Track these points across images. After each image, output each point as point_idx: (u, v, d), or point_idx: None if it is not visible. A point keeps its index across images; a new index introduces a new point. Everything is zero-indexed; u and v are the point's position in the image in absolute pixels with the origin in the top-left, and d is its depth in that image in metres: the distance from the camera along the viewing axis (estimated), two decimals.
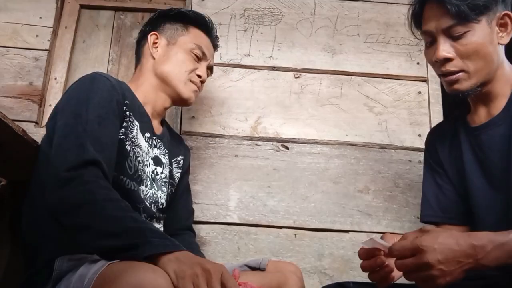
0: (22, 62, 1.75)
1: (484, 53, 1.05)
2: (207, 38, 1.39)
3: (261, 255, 1.50)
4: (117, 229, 0.90)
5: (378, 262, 0.94)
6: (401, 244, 0.86)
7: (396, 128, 1.67)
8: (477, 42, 1.04)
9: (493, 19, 1.06)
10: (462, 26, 1.04)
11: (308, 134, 1.64)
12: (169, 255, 0.86)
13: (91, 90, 1.11)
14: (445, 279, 0.83)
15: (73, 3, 1.86)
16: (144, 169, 1.20)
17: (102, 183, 0.98)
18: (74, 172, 0.96)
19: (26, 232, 1.10)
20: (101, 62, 1.82)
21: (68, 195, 0.94)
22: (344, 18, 1.77)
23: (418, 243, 0.83)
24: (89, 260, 0.97)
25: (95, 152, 1.00)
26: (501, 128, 1.08)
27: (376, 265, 0.94)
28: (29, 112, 1.70)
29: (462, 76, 1.07)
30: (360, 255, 0.96)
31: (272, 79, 1.70)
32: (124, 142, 1.14)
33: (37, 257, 1.06)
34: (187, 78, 1.32)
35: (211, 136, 1.63)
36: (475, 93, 1.09)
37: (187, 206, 1.43)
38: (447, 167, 1.21)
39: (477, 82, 1.07)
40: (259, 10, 1.76)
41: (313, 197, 1.58)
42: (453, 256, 0.82)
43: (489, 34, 1.05)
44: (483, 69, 1.06)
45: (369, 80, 1.71)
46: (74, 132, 1.03)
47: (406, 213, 1.59)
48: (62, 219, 0.95)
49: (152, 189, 1.23)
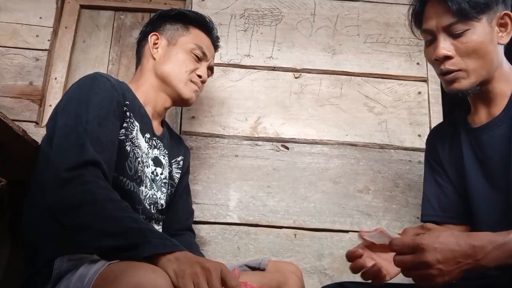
0: (22, 62, 1.75)
1: (484, 52, 1.05)
2: (208, 38, 1.39)
3: (261, 255, 1.50)
4: (117, 229, 0.90)
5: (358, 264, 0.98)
6: (401, 240, 0.87)
7: (396, 128, 1.67)
8: (477, 41, 1.04)
9: (493, 18, 1.06)
10: (462, 24, 1.04)
11: (308, 134, 1.65)
12: (169, 255, 0.86)
13: (92, 90, 1.11)
14: (443, 278, 0.83)
15: (73, 3, 1.86)
16: (144, 170, 1.20)
17: (102, 184, 0.98)
18: (74, 172, 0.96)
19: (26, 232, 1.10)
20: (101, 62, 1.82)
21: (68, 195, 0.94)
22: (344, 18, 1.77)
23: (419, 241, 0.83)
24: (89, 260, 0.97)
25: (95, 152, 1.00)
26: (501, 128, 1.08)
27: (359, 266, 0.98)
28: (29, 112, 1.70)
29: (461, 75, 1.07)
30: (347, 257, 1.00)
31: (272, 79, 1.70)
32: (124, 143, 1.14)
33: (37, 257, 1.06)
34: (188, 78, 1.32)
35: (211, 136, 1.63)
36: (474, 92, 1.09)
37: (187, 207, 1.43)
38: (448, 167, 1.21)
39: (476, 81, 1.07)
40: (259, 10, 1.76)
41: (313, 197, 1.58)
42: (452, 256, 0.82)
43: (489, 33, 1.05)
44: (482, 68, 1.06)
45: (369, 80, 1.71)
46: (74, 132, 1.03)
47: (406, 213, 1.59)
48: (62, 219, 0.95)
49: (152, 189, 1.23)
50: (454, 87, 1.08)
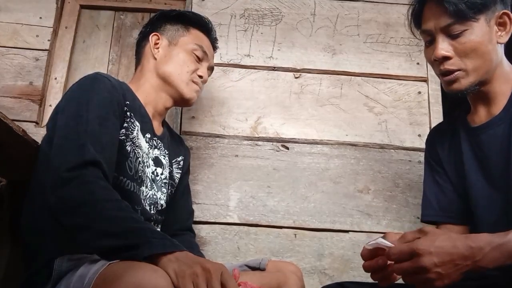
0: (22, 62, 1.75)
1: (483, 51, 1.05)
2: (207, 39, 1.40)
3: (261, 255, 1.50)
4: (117, 229, 0.90)
5: (380, 263, 0.93)
6: (398, 248, 0.86)
7: (396, 128, 1.67)
8: (475, 41, 1.05)
9: (492, 18, 1.06)
10: (460, 25, 1.05)
11: (308, 134, 1.65)
12: (169, 255, 0.86)
13: (92, 90, 1.11)
14: (442, 281, 0.83)
15: (73, 3, 1.86)
16: (144, 170, 1.20)
17: (102, 184, 0.98)
18: (75, 172, 0.96)
19: (26, 232, 1.10)
20: (101, 62, 1.82)
21: (68, 195, 0.94)
22: (344, 18, 1.77)
23: (415, 247, 0.83)
24: (89, 260, 0.97)
25: (95, 152, 1.00)
26: (501, 127, 1.08)
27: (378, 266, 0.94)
28: (29, 112, 1.70)
29: (460, 74, 1.07)
30: (363, 256, 0.96)
31: (272, 79, 1.70)
32: (125, 143, 1.14)
33: (37, 257, 1.05)
34: (189, 79, 1.32)
35: (211, 136, 1.63)
36: (474, 92, 1.09)
37: (187, 207, 1.43)
38: (447, 167, 1.22)
39: (475, 80, 1.07)
40: (259, 10, 1.76)
41: (313, 197, 1.58)
42: (450, 259, 0.82)
43: (488, 33, 1.05)
44: (481, 68, 1.06)
45: (369, 80, 1.71)
46: (74, 133, 1.03)
47: (406, 213, 1.59)
48: (62, 219, 0.95)
49: (152, 190, 1.23)
50: (454, 87, 1.09)
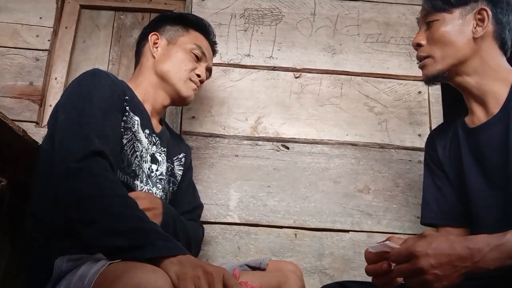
0: (22, 62, 1.75)
1: (449, 40, 1.12)
2: (206, 41, 1.41)
3: (261, 255, 1.50)
4: (122, 228, 0.90)
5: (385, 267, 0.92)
6: (396, 250, 0.87)
7: (396, 128, 1.67)
8: (443, 30, 1.13)
9: (469, 12, 1.12)
10: (433, 15, 1.14)
11: (308, 134, 1.64)
12: (172, 258, 0.86)
13: (93, 85, 1.12)
14: (441, 283, 0.83)
15: (73, 3, 1.86)
16: (141, 165, 1.20)
17: (110, 177, 0.98)
18: (82, 163, 0.96)
19: (26, 232, 1.10)
20: (101, 62, 1.82)
21: (76, 188, 0.94)
22: (344, 18, 1.77)
23: (412, 249, 0.84)
24: (89, 260, 0.97)
25: (100, 143, 1.00)
26: (499, 128, 1.08)
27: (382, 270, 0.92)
28: (30, 112, 1.70)
29: (429, 61, 1.16)
30: (368, 259, 0.95)
31: (272, 79, 1.70)
32: (122, 136, 1.15)
33: (37, 257, 1.06)
34: (187, 77, 1.33)
35: (211, 136, 1.63)
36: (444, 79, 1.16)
37: (192, 202, 1.40)
38: (447, 169, 1.22)
39: (443, 68, 1.13)
40: (259, 10, 1.76)
41: (313, 197, 1.58)
42: (447, 260, 0.82)
43: (460, 25, 1.12)
44: (448, 56, 1.12)
45: (369, 80, 1.71)
46: (77, 125, 1.03)
47: (406, 213, 1.59)
48: (69, 212, 0.94)
49: (147, 185, 1.23)
50: (424, 73, 1.18)
